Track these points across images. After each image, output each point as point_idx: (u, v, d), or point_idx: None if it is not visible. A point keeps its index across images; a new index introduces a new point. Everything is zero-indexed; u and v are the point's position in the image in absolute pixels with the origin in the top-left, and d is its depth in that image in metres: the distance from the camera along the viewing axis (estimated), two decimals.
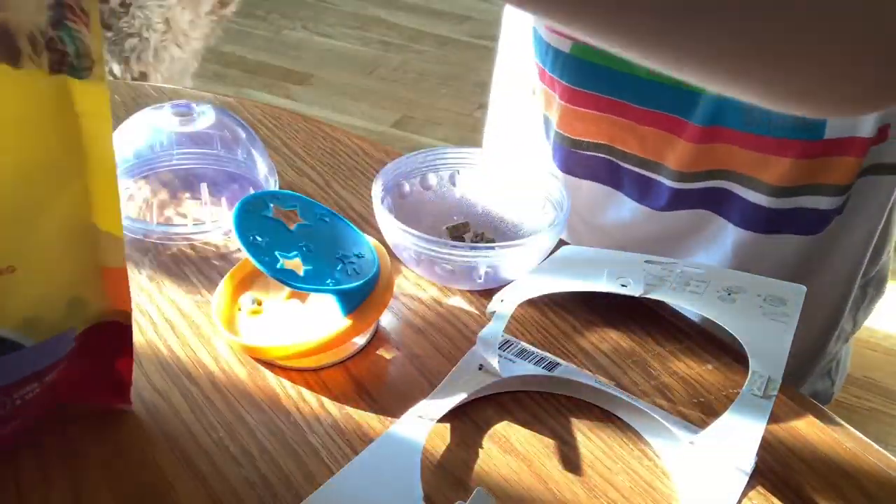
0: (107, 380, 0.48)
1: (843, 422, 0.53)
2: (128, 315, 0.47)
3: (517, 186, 0.66)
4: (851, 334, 0.86)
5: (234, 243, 0.64)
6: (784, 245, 0.72)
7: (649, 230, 0.76)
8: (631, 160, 0.74)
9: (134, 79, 1.60)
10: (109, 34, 1.55)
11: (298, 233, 0.54)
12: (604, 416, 0.52)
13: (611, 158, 0.75)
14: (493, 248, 0.57)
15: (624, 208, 0.76)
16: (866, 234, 0.74)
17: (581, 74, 0.71)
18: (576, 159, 0.76)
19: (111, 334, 0.46)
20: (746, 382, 0.49)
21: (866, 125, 0.64)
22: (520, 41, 0.82)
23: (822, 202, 0.69)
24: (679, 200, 0.73)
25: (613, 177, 0.76)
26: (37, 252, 0.40)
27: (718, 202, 0.73)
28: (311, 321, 0.55)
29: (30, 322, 0.41)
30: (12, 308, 0.41)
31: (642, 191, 0.75)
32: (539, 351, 0.55)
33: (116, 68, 1.58)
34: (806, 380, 0.83)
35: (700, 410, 0.52)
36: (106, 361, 0.48)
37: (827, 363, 0.84)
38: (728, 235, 0.73)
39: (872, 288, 0.83)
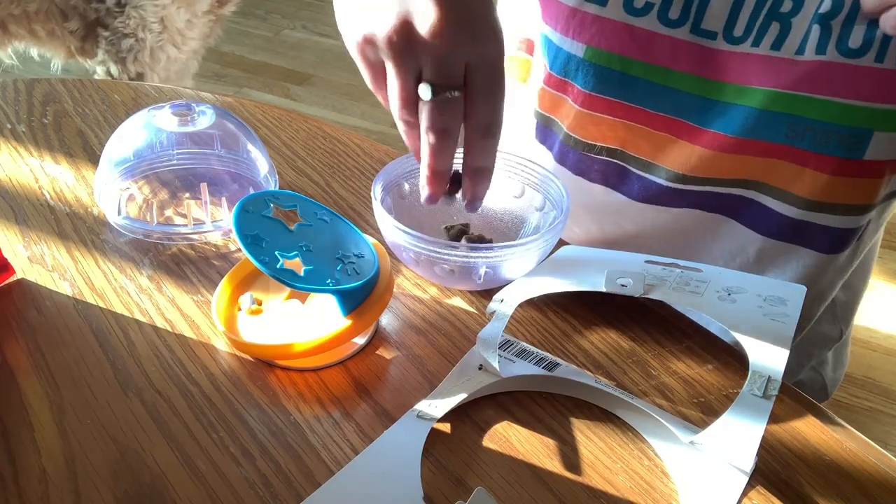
0: None
1: (843, 422, 0.53)
2: None
3: (517, 186, 0.66)
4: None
5: (234, 243, 0.64)
6: (799, 260, 0.72)
7: (656, 233, 0.76)
8: (641, 164, 0.73)
9: (131, 79, 1.60)
10: (107, 33, 1.55)
11: (298, 233, 0.54)
12: (604, 416, 0.52)
13: (621, 163, 0.74)
14: (493, 248, 0.57)
15: (631, 211, 0.76)
16: (870, 252, 0.74)
17: (596, 80, 0.71)
18: (587, 162, 0.76)
19: None
20: (746, 382, 0.49)
21: None
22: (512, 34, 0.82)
23: (844, 221, 0.68)
24: (690, 202, 0.73)
25: (622, 180, 0.75)
26: None
27: (735, 208, 0.72)
28: (311, 321, 0.55)
29: None
30: None
31: (651, 194, 0.74)
32: (539, 351, 0.55)
33: (114, 68, 1.58)
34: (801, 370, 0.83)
35: (700, 410, 0.52)
36: None
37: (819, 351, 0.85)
38: (742, 239, 0.73)
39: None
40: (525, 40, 0.81)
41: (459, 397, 0.51)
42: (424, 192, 0.56)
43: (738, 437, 0.47)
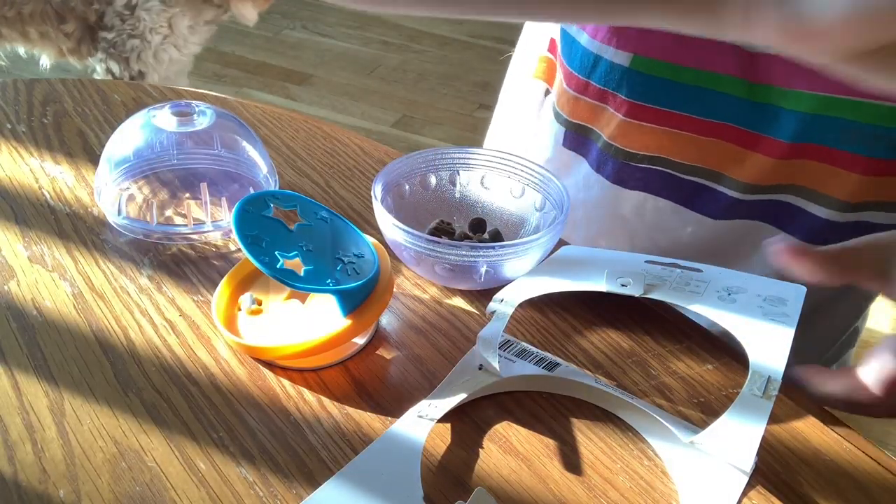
0: None
1: (843, 422, 0.53)
2: None
3: (517, 186, 0.66)
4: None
5: (234, 243, 0.64)
6: None
7: (700, 240, 0.74)
8: (688, 170, 0.72)
9: (132, 77, 1.61)
10: (111, 35, 1.56)
11: (298, 233, 0.54)
12: (604, 416, 0.52)
13: (667, 170, 0.72)
14: (493, 247, 0.57)
15: (675, 218, 0.74)
16: None
17: (643, 89, 0.69)
18: (629, 171, 0.74)
19: None
20: (746, 382, 0.49)
21: None
22: (535, 48, 0.81)
23: (887, 218, 0.68)
24: (737, 211, 0.71)
25: (667, 187, 0.73)
26: None
27: (778, 215, 0.71)
28: (311, 321, 0.55)
29: None
30: None
31: (697, 201, 0.73)
32: (539, 351, 0.55)
33: (115, 67, 1.59)
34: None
35: (700, 410, 0.52)
36: None
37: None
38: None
39: None
40: (551, 39, 0.80)
41: (459, 397, 0.51)
42: None
43: (737, 437, 0.47)
